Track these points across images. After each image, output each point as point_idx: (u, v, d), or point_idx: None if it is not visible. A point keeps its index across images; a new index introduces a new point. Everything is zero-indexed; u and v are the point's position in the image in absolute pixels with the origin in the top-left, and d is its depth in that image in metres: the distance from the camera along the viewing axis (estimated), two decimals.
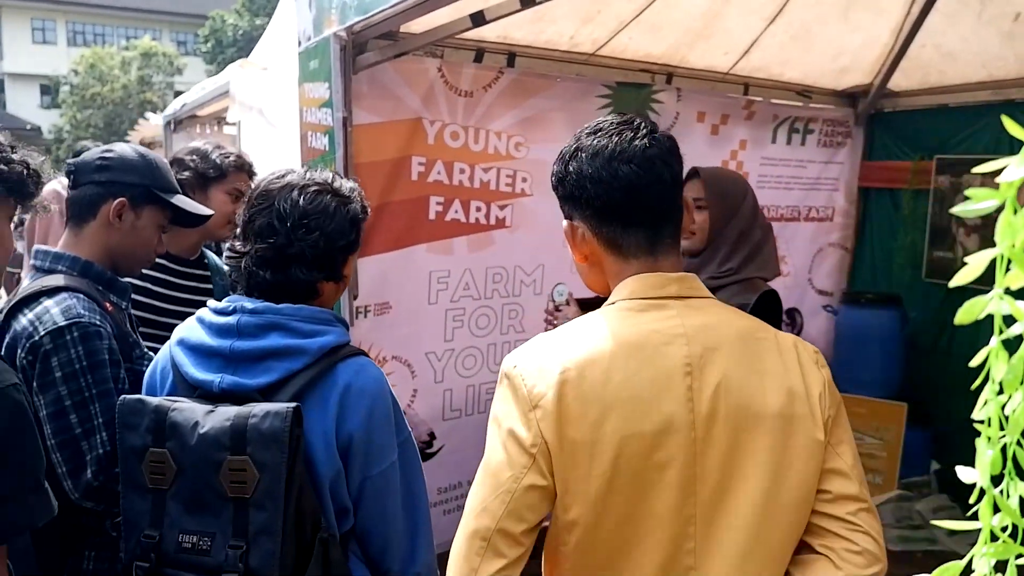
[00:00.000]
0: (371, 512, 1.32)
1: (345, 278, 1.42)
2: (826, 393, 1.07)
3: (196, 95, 5.17)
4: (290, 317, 1.29)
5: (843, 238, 4.03)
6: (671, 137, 1.13)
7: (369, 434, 1.29)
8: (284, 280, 1.31)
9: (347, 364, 1.30)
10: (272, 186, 1.34)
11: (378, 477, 1.30)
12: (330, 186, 1.36)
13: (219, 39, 24.62)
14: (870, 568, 1.02)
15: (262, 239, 1.31)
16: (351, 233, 1.36)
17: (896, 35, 3.36)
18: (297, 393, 1.26)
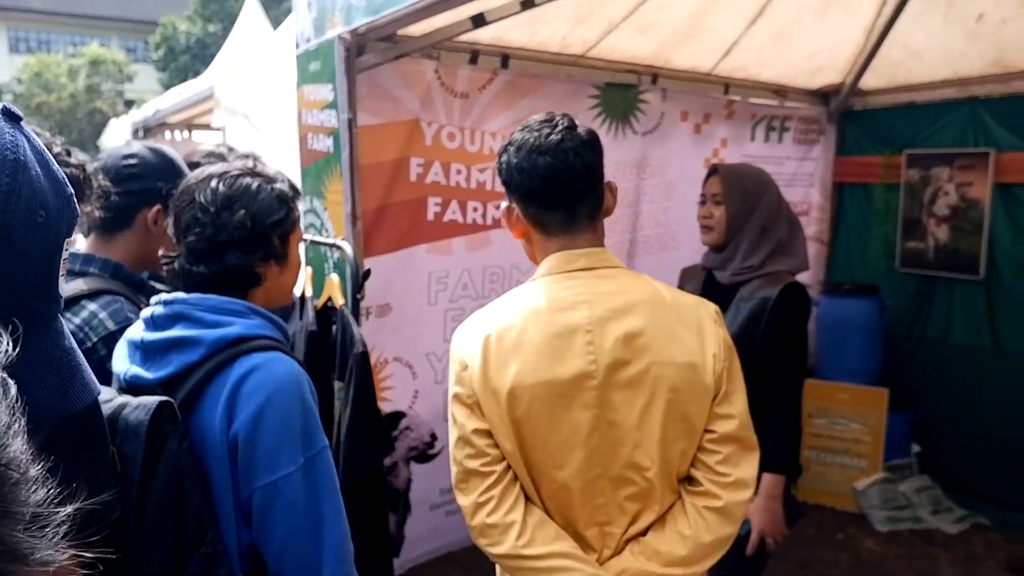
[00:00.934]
0: (262, 530, 1.17)
1: (289, 259, 1.35)
2: (721, 347, 1.26)
3: (171, 102, 5.11)
4: (194, 306, 1.24)
5: (819, 232, 4.18)
6: (591, 132, 1.31)
7: (255, 437, 1.15)
8: (220, 270, 1.26)
9: (248, 358, 1.19)
10: (191, 182, 1.31)
11: (266, 489, 1.15)
12: (251, 170, 1.33)
13: (171, 46, 24.12)
14: (741, 494, 1.24)
15: (190, 232, 1.26)
16: (280, 210, 1.30)
17: (868, 35, 3.51)
18: (193, 389, 1.18)
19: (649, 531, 1.26)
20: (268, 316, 1.29)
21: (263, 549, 1.18)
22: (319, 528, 1.19)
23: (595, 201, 1.29)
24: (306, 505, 1.17)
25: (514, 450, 1.23)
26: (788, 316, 1.92)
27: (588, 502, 1.24)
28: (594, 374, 1.20)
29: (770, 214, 2.01)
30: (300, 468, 1.17)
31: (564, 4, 2.70)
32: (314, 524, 1.18)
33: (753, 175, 2.09)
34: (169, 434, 1.11)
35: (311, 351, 1.91)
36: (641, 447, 1.22)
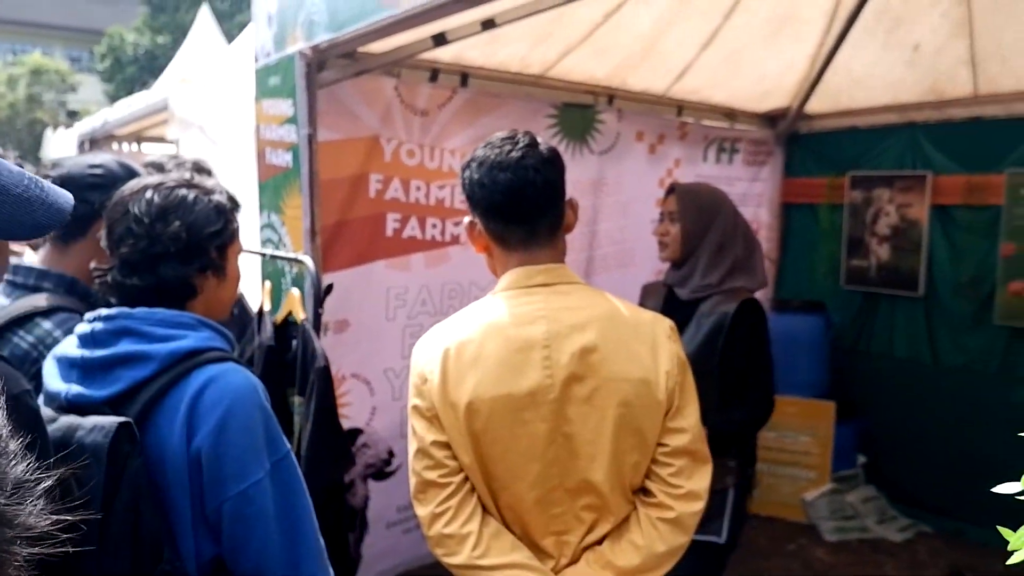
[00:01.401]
0: (236, 540, 1.16)
1: (228, 272, 1.33)
2: (675, 363, 1.29)
3: (121, 113, 5.00)
4: (142, 321, 1.20)
5: (769, 250, 4.30)
6: (552, 149, 1.35)
7: (220, 449, 1.14)
8: (155, 282, 1.23)
9: (203, 371, 1.18)
10: (125, 194, 1.28)
11: (238, 499, 1.15)
12: (187, 181, 1.30)
13: (118, 57, 23.56)
14: (693, 506, 1.29)
15: (123, 244, 1.24)
16: (218, 221, 1.28)
17: (812, 62, 3.66)
18: (146, 405, 1.15)
19: (604, 540, 1.29)
20: (216, 327, 1.27)
21: (238, 558, 1.17)
22: (295, 529, 1.19)
23: (555, 217, 1.32)
24: (278, 508, 1.17)
25: (472, 462, 1.25)
26: (747, 330, 1.97)
27: (545, 512, 1.26)
28: (551, 388, 1.24)
29: (726, 232, 2.07)
30: (268, 473, 1.17)
31: (523, 25, 2.74)
32: (289, 526, 1.19)
33: (708, 194, 2.16)
34: (129, 455, 1.09)
35: (268, 366, 1.89)
36: (595, 460, 1.25)
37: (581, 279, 3.76)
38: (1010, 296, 3.43)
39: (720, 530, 1.98)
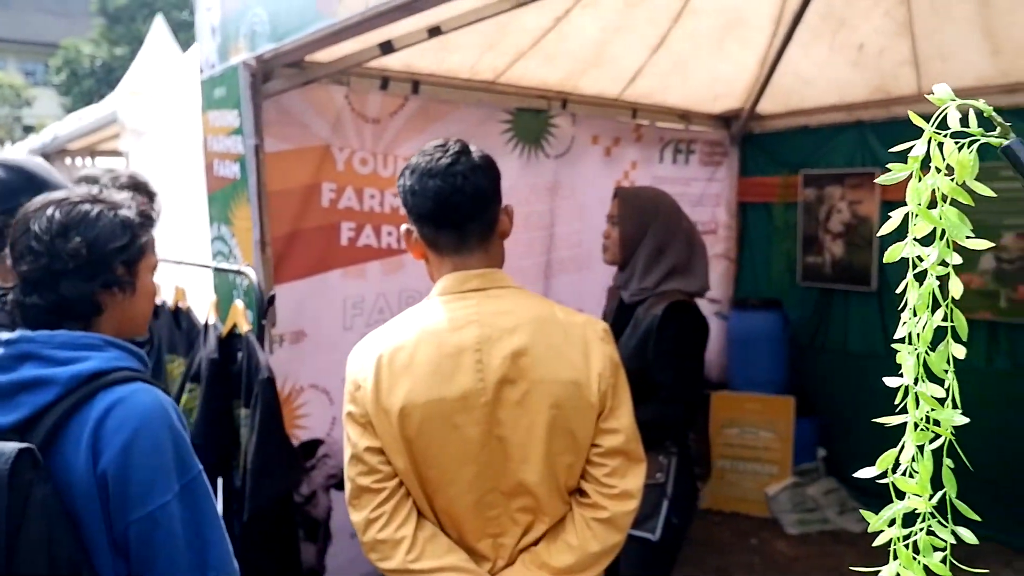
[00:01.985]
0: (143, 564, 1.14)
1: (138, 288, 1.29)
2: (607, 365, 1.31)
3: (71, 127, 4.94)
4: (43, 344, 1.17)
5: (727, 249, 4.36)
6: (485, 157, 1.35)
7: (125, 471, 1.12)
8: (56, 300, 1.20)
9: (108, 393, 1.14)
10: (28, 210, 1.25)
11: (143, 521, 1.12)
12: (93, 196, 1.27)
13: (74, 70, 23.18)
14: (626, 505, 1.30)
15: (23, 261, 1.21)
16: (124, 236, 1.24)
17: (762, 64, 3.73)
18: (51, 430, 1.11)
19: (540, 541, 1.30)
20: (125, 347, 1.24)
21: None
22: (204, 552, 1.17)
23: (486, 223, 1.33)
24: (187, 531, 1.15)
25: (407, 467, 1.25)
26: (672, 333, 1.99)
27: (480, 515, 1.27)
28: (482, 392, 1.25)
29: (665, 236, 2.09)
30: (176, 496, 1.15)
31: (471, 32, 2.77)
32: (198, 549, 1.16)
33: (648, 197, 2.18)
34: (33, 481, 1.05)
35: (213, 378, 1.88)
36: (528, 462, 1.26)
37: (540, 283, 3.77)
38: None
39: (655, 528, 1.99)
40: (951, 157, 0.53)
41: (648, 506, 1.99)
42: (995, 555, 3.21)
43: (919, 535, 0.59)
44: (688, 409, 2.03)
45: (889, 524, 0.59)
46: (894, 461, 0.59)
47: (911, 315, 0.57)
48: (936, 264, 0.55)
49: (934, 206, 0.55)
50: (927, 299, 0.56)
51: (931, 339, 0.57)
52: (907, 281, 0.57)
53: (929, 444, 0.58)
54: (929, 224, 0.55)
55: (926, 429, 0.58)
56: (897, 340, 0.58)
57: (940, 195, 0.55)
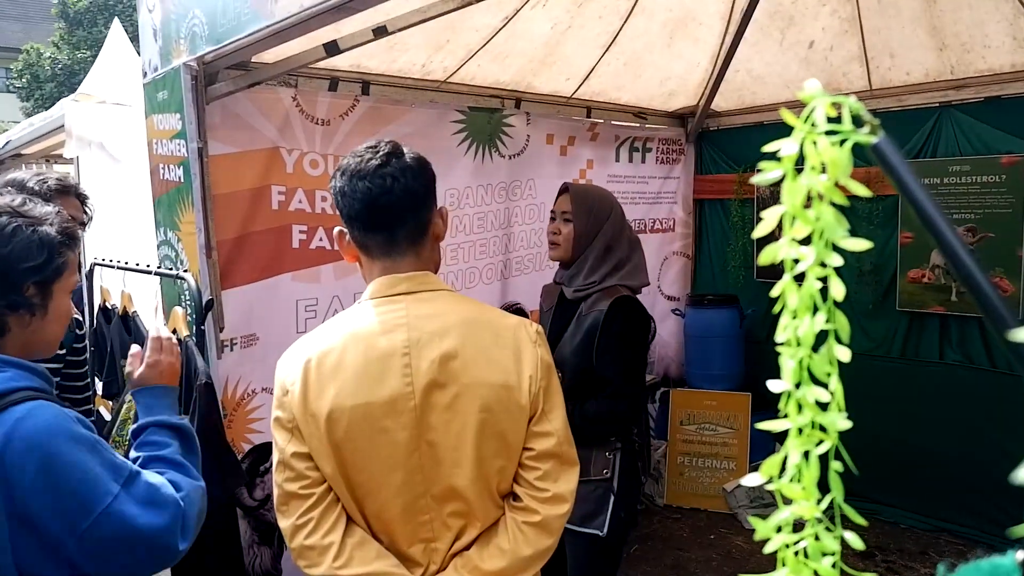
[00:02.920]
0: (108, 563, 1.14)
1: (50, 309, 1.24)
2: (538, 367, 1.29)
3: (21, 132, 4.81)
4: None
5: (684, 246, 4.39)
6: (418, 158, 1.33)
7: (55, 490, 1.08)
8: None
9: (5, 416, 1.09)
10: None
11: (96, 527, 1.10)
12: (12, 209, 1.22)
13: (35, 74, 22.68)
14: (559, 508, 1.29)
15: None
16: (39, 255, 1.19)
17: (714, 62, 3.75)
18: None
19: (472, 546, 1.28)
20: (24, 365, 1.18)
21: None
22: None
23: (416, 225, 1.31)
24: (144, 516, 1.15)
25: (335, 472, 1.23)
26: (618, 328, 2.00)
27: (411, 520, 1.26)
28: (411, 396, 1.22)
29: (614, 234, 2.10)
30: (117, 495, 1.12)
31: (420, 32, 2.75)
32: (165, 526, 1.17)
33: (600, 196, 2.18)
34: None
35: None
36: (459, 466, 1.24)
37: (497, 283, 3.74)
38: (908, 283, 3.58)
39: (602, 525, 2.00)
40: (823, 155, 0.52)
41: (595, 502, 2.00)
42: (950, 546, 3.27)
43: (808, 541, 0.58)
44: (634, 404, 2.04)
45: (777, 531, 0.58)
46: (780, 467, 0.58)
47: (790, 318, 0.56)
48: (815, 265, 0.54)
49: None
50: (807, 301, 0.56)
51: (813, 341, 0.56)
52: (784, 282, 0.56)
53: (815, 448, 0.57)
54: (807, 225, 0.55)
55: (812, 434, 0.57)
56: (780, 344, 0.57)
57: (816, 194, 0.54)
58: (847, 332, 0.56)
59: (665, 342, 4.34)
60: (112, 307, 2.63)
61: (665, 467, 3.90)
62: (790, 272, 0.56)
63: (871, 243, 0.56)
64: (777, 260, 0.56)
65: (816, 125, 0.53)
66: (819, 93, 0.53)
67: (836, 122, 0.54)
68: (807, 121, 0.53)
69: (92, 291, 2.69)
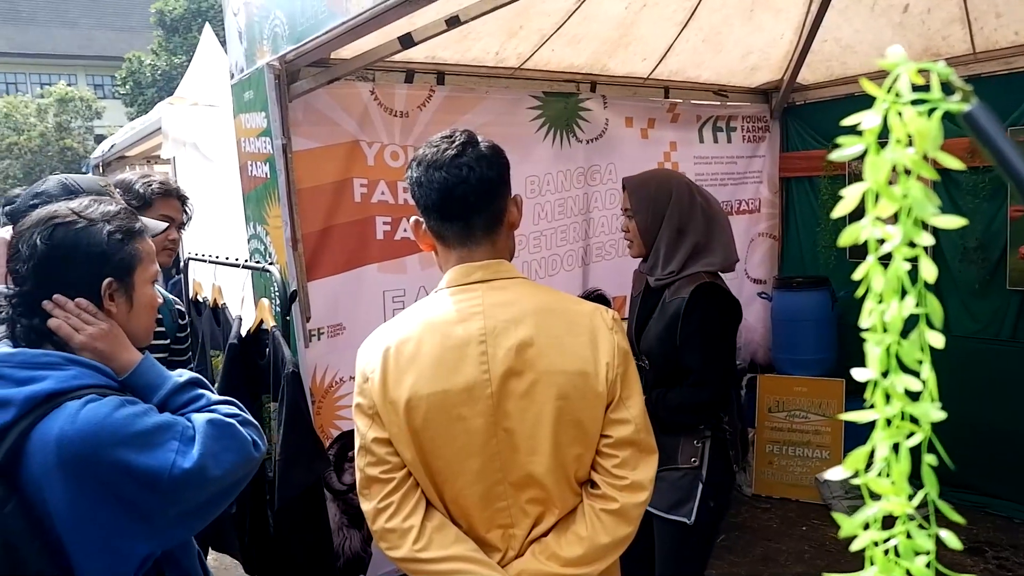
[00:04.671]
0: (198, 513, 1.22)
1: (129, 300, 1.28)
2: (615, 354, 1.28)
3: (124, 136, 5.11)
4: (3, 364, 1.17)
5: (770, 227, 4.24)
6: (492, 147, 1.32)
7: (125, 468, 1.13)
8: (41, 323, 1.21)
9: (61, 411, 1.13)
10: (22, 228, 1.26)
11: (173, 487, 1.16)
12: (76, 213, 1.25)
13: (137, 80, 24.04)
14: (637, 496, 1.27)
15: (15, 282, 1.23)
16: (101, 253, 1.24)
17: (799, 32, 3.58)
18: (12, 450, 1.11)
19: (551, 533, 1.28)
20: (88, 364, 1.22)
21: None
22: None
23: (491, 214, 1.31)
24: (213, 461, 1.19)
25: (414, 458, 1.25)
26: (699, 316, 1.94)
27: (489, 506, 1.27)
28: (487, 384, 1.23)
29: (682, 216, 2.03)
30: (178, 450, 1.17)
31: (492, 20, 2.73)
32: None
33: (658, 181, 2.10)
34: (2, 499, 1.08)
35: (231, 361, 1.90)
36: (536, 454, 1.24)
37: (578, 270, 3.71)
38: (1020, 260, 3.33)
39: (690, 513, 1.96)
40: (909, 126, 0.48)
41: (683, 490, 1.97)
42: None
43: (898, 539, 0.54)
44: (719, 392, 1.98)
45: (864, 528, 0.55)
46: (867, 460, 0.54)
47: (876, 302, 0.52)
48: (902, 245, 0.51)
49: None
50: (894, 284, 0.52)
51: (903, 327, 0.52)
52: (868, 264, 0.52)
53: (905, 441, 0.54)
54: (892, 203, 0.51)
55: (902, 425, 0.53)
56: (864, 330, 0.53)
57: (903, 168, 0.50)
58: (940, 316, 0.52)
59: (751, 327, 4.20)
60: (203, 300, 2.76)
61: (752, 455, 3.79)
62: (874, 253, 0.52)
63: (966, 220, 0.51)
64: (859, 241, 0.53)
65: (901, 94, 0.49)
66: (902, 60, 0.49)
67: (925, 90, 0.50)
68: (890, 90, 0.50)
69: (187, 285, 2.83)
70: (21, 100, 24.26)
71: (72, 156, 22.09)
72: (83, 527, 1.13)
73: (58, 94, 23.75)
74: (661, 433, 1.43)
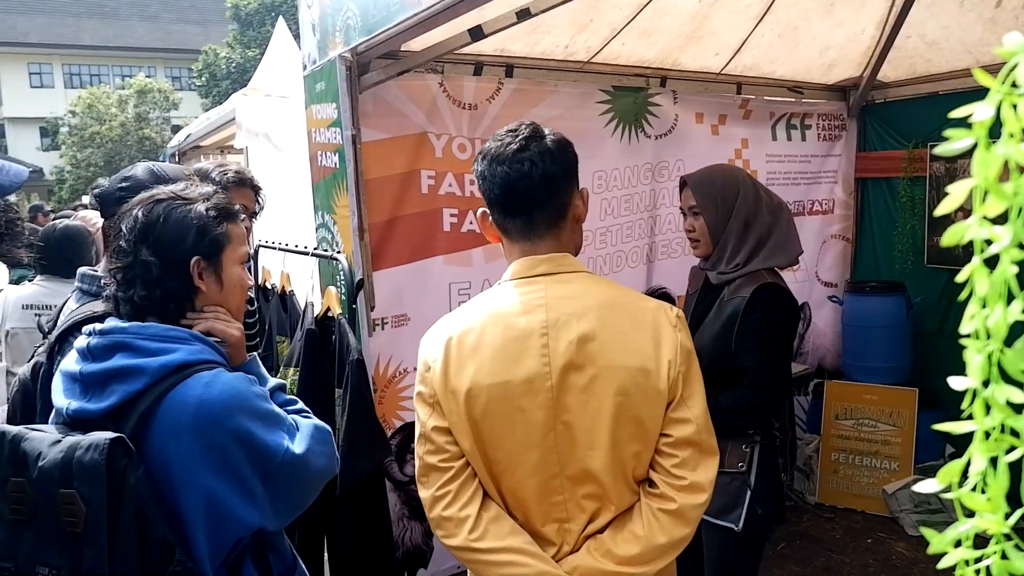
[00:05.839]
0: (281, 500, 1.27)
1: (219, 280, 1.33)
2: (678, 352, 1.26)
3: (199, 126, 5.28)
4: (135, 336, 1.23)
5: (844, 229, 4.10)
6: (558, 140, 1.31)
7: (248, 440, 1.21)
8: (146, 297, 1.26)
9: (195, 380, 1.20)
10: (124, 209, 1.32)
11: (277, 470, 1.24)
12: (173, 193, 1.32)
13: (213, 72, 24.86)
14: (696, 498, 1.25)
15: (117, 259, 1.29)
16: (194, 233, 1.28)
17: (881, 28, 3.45)
18: (143, 416, 1.18)
19: (607, 529, 1.27)
20: (208, 342, 1.29)
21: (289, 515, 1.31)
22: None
23: (555, 209, 1.30)
24: (313, 456, 1.29)
25: (472, 448, 1.26)
26: (759, 316, 1.89)
27: (546, 499, 1.26)
28: (548, 376, 1.22)
29: (749, 210, 1.98)
30: (287, 448, 1.25)
31: (562, 13, 2.72)
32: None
33: (722, 177, 2.05)
34: (127, 468, 1.13)
35: (309, 348, 1.94)
36: (594, 449, 1.23)
37: (642, 266, 3.66)
38: None
39: (738, 519, 1.91)
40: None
41: (730, 495, 1.92)
42: None
43: (992, 559, 0.51)
44: (774, 396, 1.92)
45: (955, 545, 0.52)
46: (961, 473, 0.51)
47: (979, 307, 0.49)
48: (1011, 247, 0.47)
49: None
50: (1000, 288, 0.49)
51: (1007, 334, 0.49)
52: (973, 266, 0.49)
53: (1005, 456, 0.50)
54: (1002, 202, 0.47)
55: (1002, 438, 0.50)
56: (964, 336, 0.50)
57: (1015, 166, 0.47)
58: None
59: (820, 331, 4.08)
60: (271, 287, 2.83)
61: (817, 463, 3.67)
62: (980, 255, 0.49)
63: None
64: (963, 241, 0.49)
65: (1018, 85, 0.46)
66: (1020, 48, 0.46)
67: None
68: (1006, 81, 0.46)
69: (257, 272, 2.90)
70: (103, 91, 25.35)
71: (150, 146, 22.99)
72: (196, 493, 1.19)
73: (138, 86, 24.73)
74: None
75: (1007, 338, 0.49)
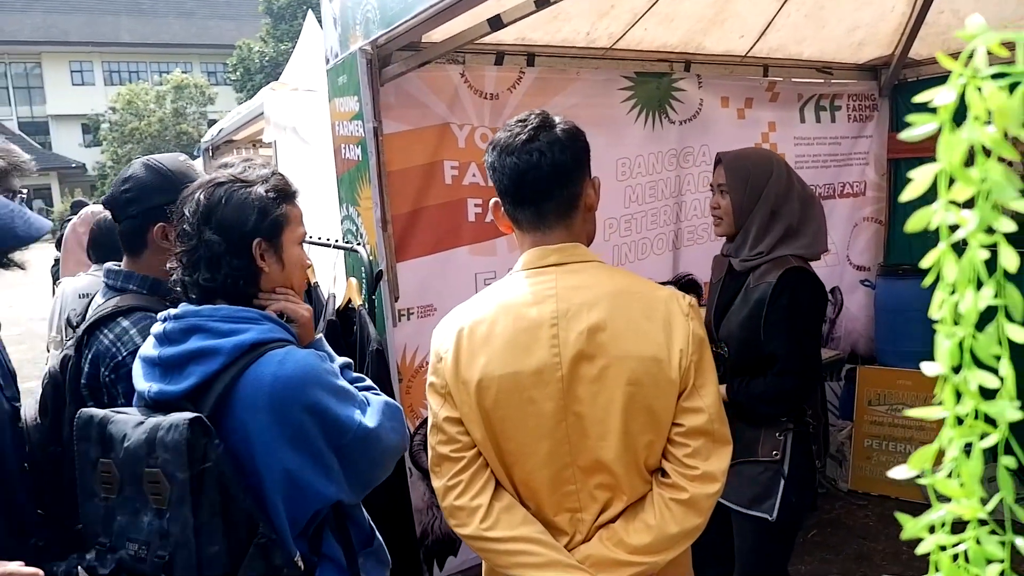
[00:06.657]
0: (350, 468, 1.32)
1: (285, 260, 1.37)
2: (689, 341, 1.25)
3: (230, 121, 5.37)
4: (208, 318, 1.28)
5: (876, 211, 4.02)
6: (569, 129, 1.30)
7: (322, 414, 1.25)
8: (211, 279, 1.30)
9: (269, 357, 1.25)
10: (186, 194, 1.36)
11: (351, 443, 1.29)
12: (233, 177, 1.35)
13: (247, 67, 25.23)
14: (708, 487, 1.24)
15: (182, 243, 1.32)
16: (258, 215, 1.31)
17: (912, 4, 3.36)
18: (221, 395, 1.23)
19: (619, 519, 1.27)
20: (277, 321, 1.33)
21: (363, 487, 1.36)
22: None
23: (565, 198, 1.30)
24: (386, 431, 1.33)
25: (484, 438, 1.27)
26: (786, 301, 1.87)
27: (557, 489, 1.27)
28: (558, 367, 1.23)
29: (778, 197, 1.95)
30: (360, 423, 1.29)
31: (582, 0, 2.71)
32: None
33: (757, 160, 2.03)
34: (207, 446, 1.18)
35: (329, 338, 1.99)
36: (605, 439, 1.23)
37: (668, 253, 3.62)
38: None
39: (772, 508, 1.89)
40: (990, 102, 0.45)
41: (764, 485, 1.90)
42: None
43: (968, 544, 0.51)
44: (804, 382, 1.90)
45: (930, 531, 0.52)
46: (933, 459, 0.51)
47: (947, 293, 0.49)
48: (978, 231, 0.47)
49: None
50: (968, 273, 0.48)
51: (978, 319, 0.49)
52: (940, 252, 0.49)
53: (978, 441, 0.50)
54: (968, 187, 0.47)
55: (976, 424, 0.50)
56: (935, 321, 0.50)
57: (981, 149, 0.47)
58: (1021, 308, 0.48)
59: (853, 315, 4.01)
60: None
61: (850, 449, 3.63)
62: (946, 240, 0.49)
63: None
64: (931, 227, 0.49)
65: (979, 68, 0.46)
66: (982, 29, 0.45)
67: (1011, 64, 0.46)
68: (968, 64, 0.46)
69: None
70: (141, 87, 25.86)
71: (187, 140, 23.43)
72: (275, 468, 1.24)
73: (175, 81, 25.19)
74: (743, 424, 1.39)
75: (980, 324, 0.49)
